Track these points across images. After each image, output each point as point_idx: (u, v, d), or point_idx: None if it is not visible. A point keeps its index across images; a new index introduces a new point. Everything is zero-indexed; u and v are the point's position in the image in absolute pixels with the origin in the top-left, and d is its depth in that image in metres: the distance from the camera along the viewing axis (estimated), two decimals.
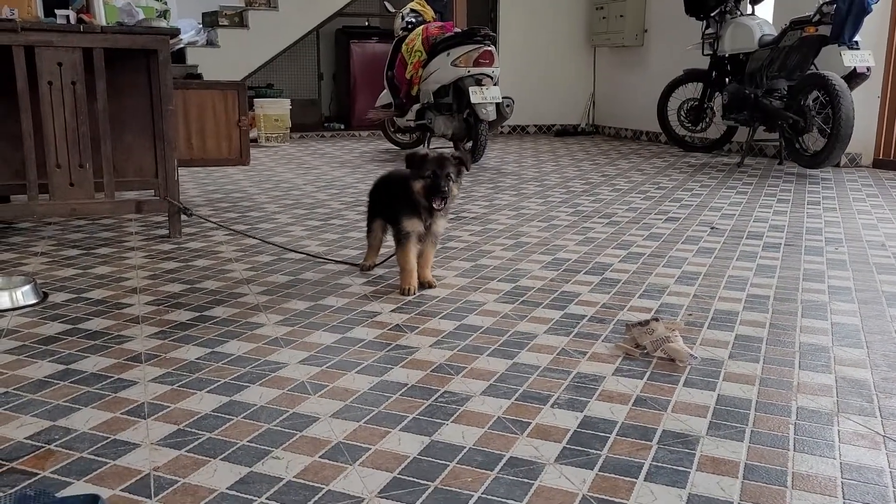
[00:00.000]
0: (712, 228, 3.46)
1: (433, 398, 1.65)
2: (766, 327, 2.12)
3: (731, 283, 2.57)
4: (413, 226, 2.41)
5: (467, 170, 2.40)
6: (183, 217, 3.36)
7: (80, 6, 3.34)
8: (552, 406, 1.61)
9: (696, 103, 6.28)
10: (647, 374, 1.79)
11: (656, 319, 1.97)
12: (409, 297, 2.39)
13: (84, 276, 2.68)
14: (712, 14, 5.94)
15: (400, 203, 2.44)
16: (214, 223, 3.47)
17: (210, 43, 7.60)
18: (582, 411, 1.59)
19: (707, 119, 6.29)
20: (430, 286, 2.49)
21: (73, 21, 3.14)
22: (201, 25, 7.58)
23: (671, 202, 4.17)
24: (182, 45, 7.26)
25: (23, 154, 3.04)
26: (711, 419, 1.55)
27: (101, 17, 3.31)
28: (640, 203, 4.14)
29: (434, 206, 2.35)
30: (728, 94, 5.70)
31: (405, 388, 1.71)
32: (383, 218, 2.63)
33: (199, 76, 6.96)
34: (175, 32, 3.23)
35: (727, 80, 5.96)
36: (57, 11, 3.18)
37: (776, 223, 3.57)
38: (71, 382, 1.74)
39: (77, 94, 3.04)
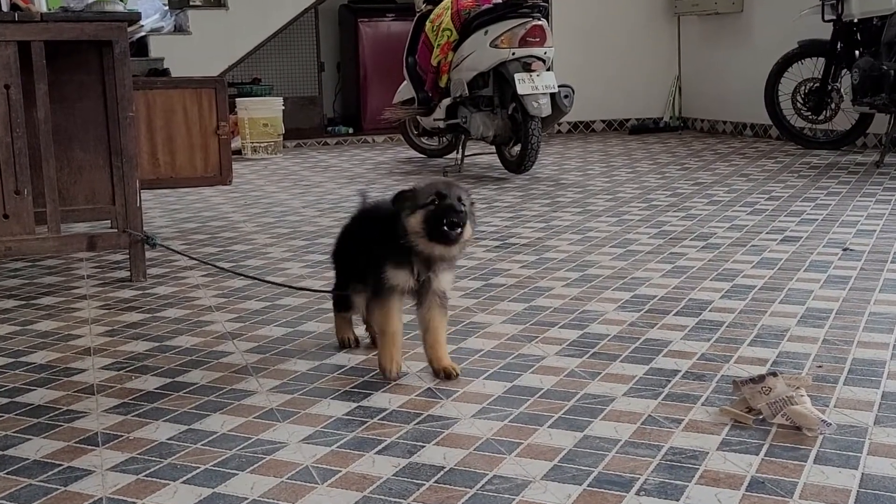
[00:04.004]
0: (845, 250, 3.42)
1: (478, 485, 1.64)
2: None
3: (873, 324, 2.53)
4: (398, 278, 2.15)
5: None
6: (148, 253, 3.40)
7: None
8: (638, 493, 1.59)
9: (817, 85, 6.23)
10: (765, 447, 1.77)
11: (774, 374, 1.95)
12: (394, 381, 2.19)
13: (23, 333, 2.72)
14: None
15: (378, 248, 2.19)
16: (177, 252, 3.51)
17: (179, 29, 7.76)
18: (678, 499, 1.56)
19: (832, 105, 6.23)
20: (449, 376, 2.19)
21: (4, 8, 3.22)
22: (167, 7, 7.75)
23: (788, 217, 4.13)
24: (143, 34, 7.42)
25: None
26: None
27: (40, 2, 3.41)
28: (746, 219, 4.11)
29: (445, 240, 2.09)
30: (859, 72, 5.65)
31: (441, 472, 1.70)
32: (357, 278, 2.34)
33: (166, 72, 7.10)
34: (134, 18, 3.30)
35: (857, 53, 5.90)
36: None
37: None
38: (7, 473, 1.76)
39: (11, 101, 3.11)
